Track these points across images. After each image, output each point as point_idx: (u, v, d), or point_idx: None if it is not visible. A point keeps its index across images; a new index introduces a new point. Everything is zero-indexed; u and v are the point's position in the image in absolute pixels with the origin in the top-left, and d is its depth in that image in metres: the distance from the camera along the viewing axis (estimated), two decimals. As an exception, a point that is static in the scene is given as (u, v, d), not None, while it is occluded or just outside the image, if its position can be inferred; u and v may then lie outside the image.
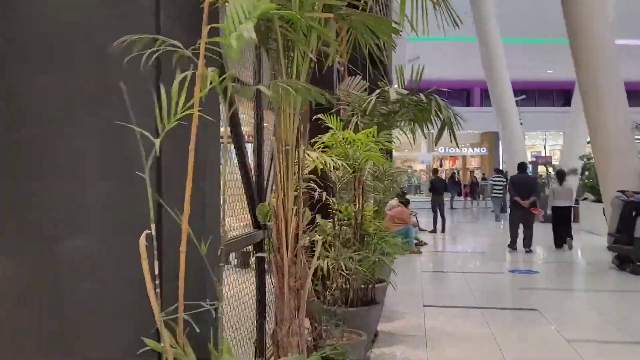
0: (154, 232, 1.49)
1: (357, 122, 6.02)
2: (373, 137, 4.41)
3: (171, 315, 1.58)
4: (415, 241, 12.04)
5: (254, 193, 4.06)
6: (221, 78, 1.57)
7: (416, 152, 33.34)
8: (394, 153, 30.61)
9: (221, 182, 1.66)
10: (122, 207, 1.70)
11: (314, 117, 4.82)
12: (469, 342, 5.42)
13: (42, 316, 1.55)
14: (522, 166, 12.05)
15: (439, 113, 5.63)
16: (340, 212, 4.68)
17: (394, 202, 11.44)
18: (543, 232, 13.01)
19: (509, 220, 12.02)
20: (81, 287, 1.61)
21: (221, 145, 1.68)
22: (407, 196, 15.29)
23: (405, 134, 6.51)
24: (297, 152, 2.51)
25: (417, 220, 14.46)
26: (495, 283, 8.76)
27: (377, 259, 4.36)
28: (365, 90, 6.34)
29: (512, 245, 11.63)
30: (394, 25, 3.11)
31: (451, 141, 5.82)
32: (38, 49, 1.62)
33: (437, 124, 5.81)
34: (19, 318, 1.48)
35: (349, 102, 6.23)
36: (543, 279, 8.98)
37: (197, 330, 1.59)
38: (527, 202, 11.25)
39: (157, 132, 2.18)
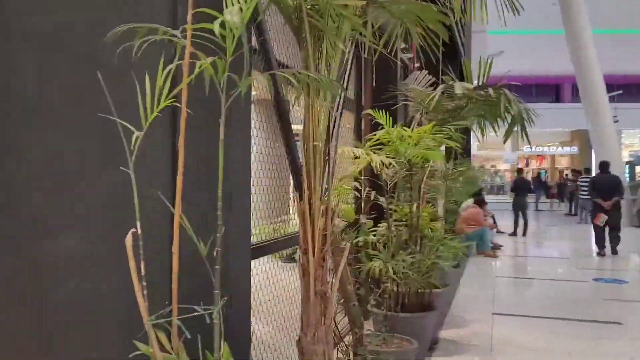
0: (139, 231, 1.41)
1: (421, 119, 5.79)
2: (431, 134, 4.18)
3: (164, 319, 1.50)
4: (491, 244, 11.50)
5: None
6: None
7: (500, 151, 32.03)
8: (475, 152, 29.60)
9: (219, 181, 1.55)
10: (123, 204, 1.64)
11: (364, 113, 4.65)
12: (540, 356, 5.04)
13: (34, 317, 1.52)
14: (604, 165, 11.15)
15: (509, 108, 5.29)
16: (394, 212, 4.47)
17: (469, 202, 10.99)
18: (637, 237, 12.02)
19: (592, 223, 11.18)
20: (77, 287, 1.57)
21: (221, 142, 1.57)
22: (489, 197, 14.68)
23: (473, 131, 6.17)
24: (327, 149, 2.38)
25: (495, 222, 13.81)
26: (576, 292, 8.14)
27: (433, 263, 4.12)
28: (432, 85, 6.07)
29: (600, 251, 10.82)
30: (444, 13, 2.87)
31: (522, 139, 5.45)
32: (35, 44, 1.59)
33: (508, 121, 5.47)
34: (7, 319, 1.46)
35: (412, 98, 6.00)
36: (631, 290, 8.24)
37: (189, 336, 1.51)
38: (609, 203, 10.41)
39: (175, 132, 2.15)
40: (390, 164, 3.38)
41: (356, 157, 3.52)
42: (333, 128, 5.20)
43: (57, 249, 1.46)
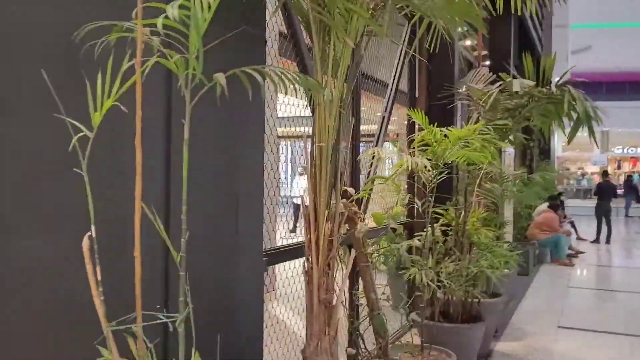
0: (94, 234, 1.38)
1: (478, 118, 5.51)
2: (480, 133, 3.93)
3: (125, 325, 1.46)
4: (568, 251, 10.80)
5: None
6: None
7: (588, 152, 30.20)
8: (560, 153, 27.99)
9: (184, 184, 1.49)
10: (114, 207, 1.63)
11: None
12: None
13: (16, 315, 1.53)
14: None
15: (575, 106, 4.91)
16: (441, 217, 4.26)
17: (543, 207, 10.38)
18: None
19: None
20: (50, 290, 1.56)
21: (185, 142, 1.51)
22: (575, 201, 13.71)
23: (537, 131, 5.79)
24: (336, 150, 2.27)
25: (576, 229, 12.96)
26: (659, 307, 7.45)
27: (478, 271, 3.87)
28: (493, 83, 5.75)
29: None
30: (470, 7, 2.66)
31: (590, 141, 5.04)
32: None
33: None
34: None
35: (470, 97, 5.72)
36: None
37: (148, 344, 1.46)
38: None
39: (169, 133, 2.12)
40: (425, 166, 3.19)
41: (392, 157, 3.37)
42: (381, 128, 5.03)
43: (31, 250, 1.46)
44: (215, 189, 2.25)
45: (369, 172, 4.58)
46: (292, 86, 1.95)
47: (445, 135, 3.76)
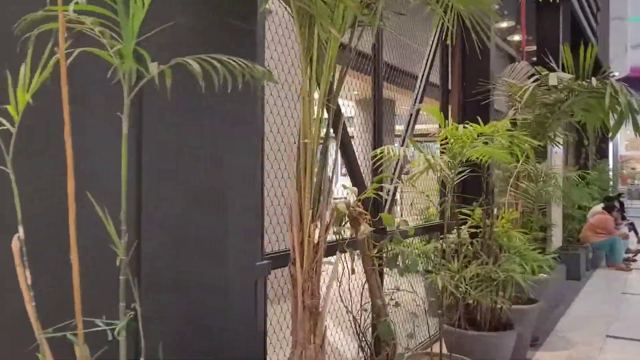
0: (22, 236, 1.31)
1: (515, 114, 5.22)
2: (508, 130, 3.69)
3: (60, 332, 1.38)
4: (627, 255, 10.17)
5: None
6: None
7: (655, 151, 28.51)
8: (624, 152, 26.63)
9: (123, 180, 1.39)
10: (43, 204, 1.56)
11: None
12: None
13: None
14: None
15: (618, 100, 4.56)
16: (469, 218, 4.03)
17: (597, 208, 9.80)
18: None
19: None
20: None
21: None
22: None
23: (591, 129, 5.43)
24: (324, 147, 2.13)
25: (637, 232, 12.18)
26: None
27: (506, 276, 3.61)
28: (531, 77, 5.43)
29: None
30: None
31: (636, 135, 4.67)
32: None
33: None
34: None
35: (509, 93, 5.43)
36: None
37: (85, 352, 1.37)
38: None
39: (140, 125, 2.03)
40: (440, 165, 2.99)
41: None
42: (408, 126, 4.83)
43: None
44: (193, 186, 2.14)
45: (395, 171, 4.41)
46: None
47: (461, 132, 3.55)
